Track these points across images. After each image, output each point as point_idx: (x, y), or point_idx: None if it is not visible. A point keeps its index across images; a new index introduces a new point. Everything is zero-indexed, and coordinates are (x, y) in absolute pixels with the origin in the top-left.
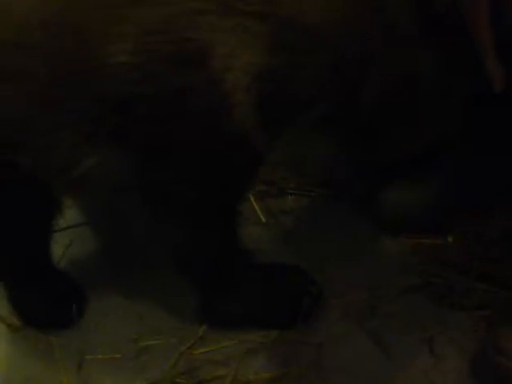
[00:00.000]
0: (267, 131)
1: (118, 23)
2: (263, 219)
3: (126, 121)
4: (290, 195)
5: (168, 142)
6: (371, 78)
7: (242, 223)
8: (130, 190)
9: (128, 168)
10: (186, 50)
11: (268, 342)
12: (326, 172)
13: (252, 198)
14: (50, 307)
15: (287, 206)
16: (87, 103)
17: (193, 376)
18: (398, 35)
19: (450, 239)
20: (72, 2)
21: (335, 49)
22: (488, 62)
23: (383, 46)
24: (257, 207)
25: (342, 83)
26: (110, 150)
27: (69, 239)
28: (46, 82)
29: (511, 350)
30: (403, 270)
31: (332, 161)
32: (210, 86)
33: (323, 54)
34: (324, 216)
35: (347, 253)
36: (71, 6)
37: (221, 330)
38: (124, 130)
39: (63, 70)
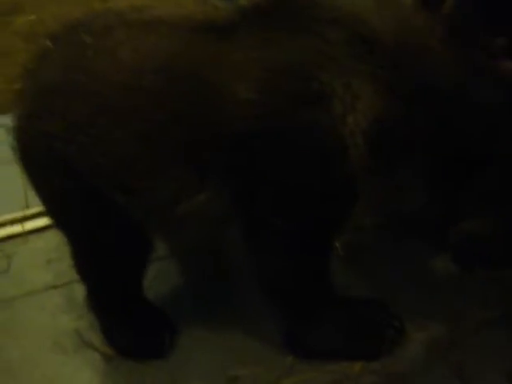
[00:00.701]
0: (373, 172)
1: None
2: (341, 253)
3: (240, 157)
4: (367, 230)
5: (281, 180)
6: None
7: None
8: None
9: (234, 203)
10: (309, 89)
11: (353, 373)
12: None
13: None
14: (143, 338)
15: (365, 241)
16: (204, 140)
17: None
18: None
19: None
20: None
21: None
22: None
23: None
24: (336, 242)
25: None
26: (219, 186)
27: (155, 271)
28: (162, 123)
29: None
30: (482, 302)
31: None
32: (330, 128)
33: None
34: (400, 251)
35: (425, 286)
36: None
37: (307, 361)
38: (237, 166)
39: (181, 111)
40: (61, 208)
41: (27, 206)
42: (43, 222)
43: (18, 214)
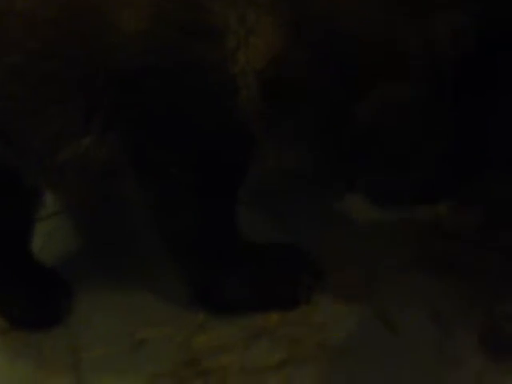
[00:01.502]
0: (267, 119)
1: None
2: (245, 198)
3: (129, 94)
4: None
5: (170, 118)
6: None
7: None
8: (123, 173)
9: (125, 149)
10: (199, 21)
11: (270, 326)
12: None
13: None
14: (36, 305)
15: (270, 184)
16: (88, 74)
17: (196, 366)
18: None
19: (441, 209)
20: None
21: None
22: None
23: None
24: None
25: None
26: (108, 128)
27: (49, 229)
28: (37, 53)
29: None
30: (401, 243)
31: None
32: (220, 64)
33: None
34: (311, 192)
35: (340, 228)
36: None
37: (220, 317)
38: (126, 104)
39: (59, 40)
40: None
41: None
42: None
43: None
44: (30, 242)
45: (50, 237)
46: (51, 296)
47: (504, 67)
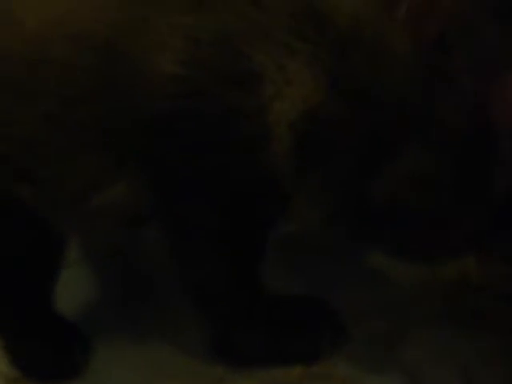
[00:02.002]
0: (295, 173)
1: (167, 31)
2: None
3: (160, 140)
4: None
5: (201, 166)
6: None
7: None
8: (147, 222)
9: (155, 195)
10: (238, 68)
11: (292, 380)
12: None
13: None
14: (52, 356)
15: (291, 235)
16: (122, 121)
17: None
18: None
19: (471, 261)
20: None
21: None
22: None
23: None
24: None
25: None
26: (137, 175)
27: (68, 278)
28: (72, 101)
29: None
30: (427, 296)
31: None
32: (256, 113)
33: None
34: (334, 244)
35: (363, 280)
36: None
37: (240, 371)
38: (157, 150)
39: (93, 87)
40: None
41: None
42: None
43: None
44: (52, 292)
45: (68, 286)
46: (68, 348)
47: None
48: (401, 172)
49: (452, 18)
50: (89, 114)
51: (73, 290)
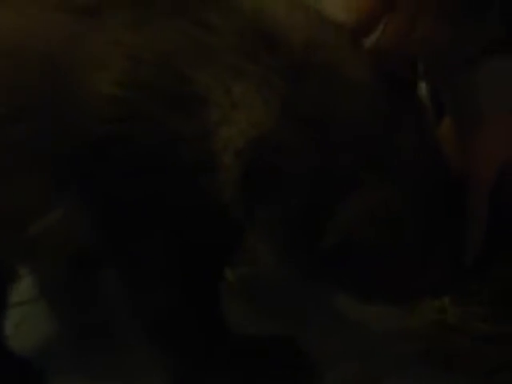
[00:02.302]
0: (244, 205)
1: (106, 49)
2: (236, 287)
3: (98, 164)
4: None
5: (141, 194)
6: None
7: None
8: (95, 255)
9: (97, 224)
10: (180, 90)
11: None
12: None
13: None
14: None
15: (262, 274)
16: (56, 142)
17: None
18: None
19: (446, 301)
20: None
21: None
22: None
23: None
24: (229, 273)
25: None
26: (76, 202)
27: (21, 316)
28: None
29: None
30: (404, 337)
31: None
32: (199, 139)
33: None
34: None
35: (333, 321)
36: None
37: None
38: (95, 176)
39: (28, 105)
40: None
41: None
42: None
43: None
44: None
45: (22, 325)
46: None
47: None
48: (358, 208)
49: (428, 49)
50: (20, 133)
51: (28, 327)
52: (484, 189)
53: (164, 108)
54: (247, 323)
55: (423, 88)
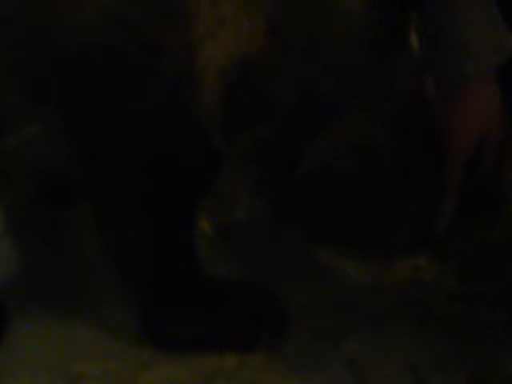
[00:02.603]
0: (225, 130)
1: None
2: (212, 234)
3: (76, 80)
4: (241, 210)
5: (120, 109)
6: None
7: None
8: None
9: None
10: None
11: (226, 369)
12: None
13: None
14: None
15: (239, 221)
16: (31, 55)
17: None
18: None
19: (423, 259)
20: None
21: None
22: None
23: None
24: (204, 221)
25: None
26: (54, 120)
27: None
28: None
29: None
30: (376, 291)
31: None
32: (183, 53)
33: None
34: (280, 232)
35: (311, 274)
36: None
37: (170, 355)
38: (73, 92)
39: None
40: None
41: None
42: None
43: None
44: None
45: None
46: None
47: None
48: (337, 138)
49: None
50: (5, 47)
51: None
52: (461, 156)
53: (150, 18)
54: (223, 271)
55: (414, 40)
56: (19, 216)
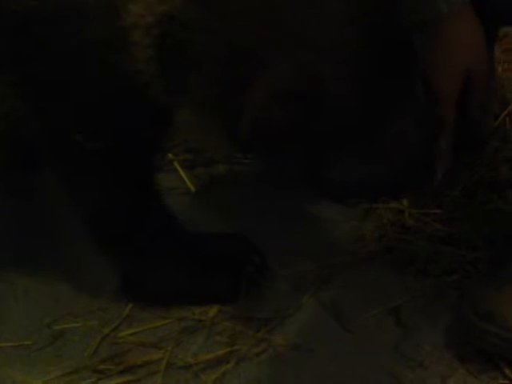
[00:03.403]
0: (167, 82)
1: None
2: (192, 188)
3: (15, 42)
4: (220, 164)
5: (62, 73)
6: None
7: (169, 193)
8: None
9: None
10: None
11: (207, 319)
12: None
13: (179, 167)
14: None
15: (218, 175)
16: None
17: (119, 361)
18: None
19: (404, 203)
20: None
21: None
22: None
23: None
24: (184, 176)
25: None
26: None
27: None
28: None
29: (498, 314)
30: (357, 237)
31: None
32: (109, 15)
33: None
34: (260, 183)
35: (291, 221)
36: None
37: (151, 309)
38: (15, 53)
39: None
40: None
41: None
42: None
43: None
44: None
45: None
46: None
47: None
48: (268, 86)
49: None
50: None
51: None
52: (450, 100)
53: None
54: (203, 223)
55: None
56: None
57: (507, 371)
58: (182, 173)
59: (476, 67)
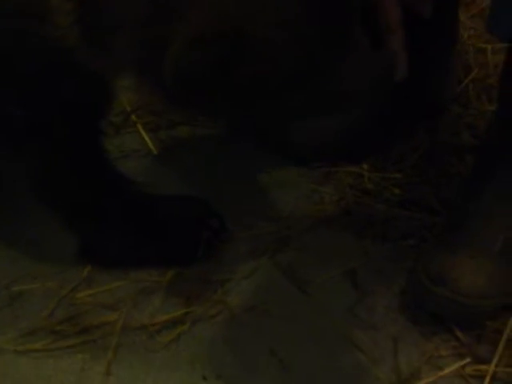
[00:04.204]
0: (92, 46)
1: None
2: (155, 151)
3: None
4: (183, 126)
5: None
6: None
7: (131, 155)
8: None
9: None
10: None
11: (164, 281)
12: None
13: (141, 129)
14: None
15: (180, 138)
16: None
17: (76, 323)
18: None
19: (364, 167)
20: None
21: None
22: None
23: None
24: (147, 138)
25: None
26: None
27: None
28: None
29: (450, 277)
30: (316, 200)
31: None
32: None
33: None
34: (221, 146)
35: (250, 184)
36: None
37: (109, 271)
38: None
39: None
40: None
41: None
42: None
43: None
44: None
45: None
46: None
47: None
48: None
49: None
50: None
51: None
52: (393, 18)
53: None
54: (163, 185)
55: None
56: None
57: (459, 334)
58: (144, 135)
59: None
